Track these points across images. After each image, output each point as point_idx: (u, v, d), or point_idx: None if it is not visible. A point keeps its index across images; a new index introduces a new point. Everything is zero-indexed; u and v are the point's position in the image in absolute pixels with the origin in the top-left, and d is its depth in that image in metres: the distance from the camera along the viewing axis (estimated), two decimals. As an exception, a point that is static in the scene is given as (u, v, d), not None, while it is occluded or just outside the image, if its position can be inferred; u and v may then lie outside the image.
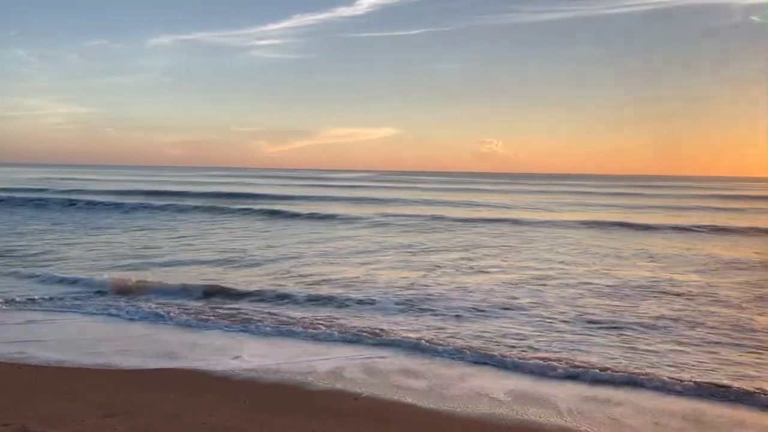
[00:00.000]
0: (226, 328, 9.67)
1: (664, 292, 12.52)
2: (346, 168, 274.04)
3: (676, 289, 12.80)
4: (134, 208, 32.19)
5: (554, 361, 8.09)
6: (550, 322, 10.06)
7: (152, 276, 13.42)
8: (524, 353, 8.43)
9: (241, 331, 9.57)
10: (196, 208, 32.53)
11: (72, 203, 34.04)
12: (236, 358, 8.19)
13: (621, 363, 8.01)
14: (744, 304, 11.52)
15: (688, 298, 11.96)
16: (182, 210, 31.54)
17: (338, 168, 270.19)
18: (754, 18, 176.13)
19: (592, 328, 9.77)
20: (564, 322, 10.11)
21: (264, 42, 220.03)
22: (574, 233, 23.94)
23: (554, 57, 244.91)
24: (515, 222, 27.53)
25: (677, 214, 34.24)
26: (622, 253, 18.45)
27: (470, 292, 12.35)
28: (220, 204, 34.58)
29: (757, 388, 7.04)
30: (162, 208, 32.29)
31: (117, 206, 32.71)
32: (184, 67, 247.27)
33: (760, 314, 10.79)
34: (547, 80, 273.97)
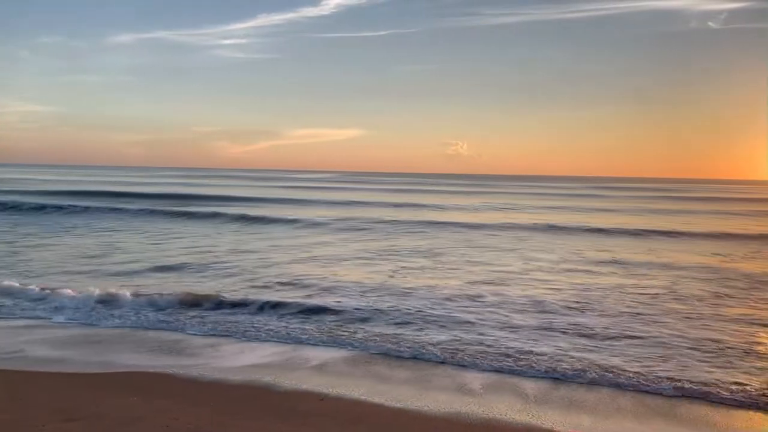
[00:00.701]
0: (193, 332, 9.55)
1: (625, 293, 12.81)
2: (311, 168, 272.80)
3: (637, 290, 13.13)
4: (93, 209, 31.39)
5: (518, 358, 8.25)
6: (509, 319, 10.20)
7: (114, 284, 13.14)
8: (487, 351, 8.55)
9: (208, 333, 9.48)
10: (137, 210, 30.89)
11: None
12: (203, 360, 8.10)
13: (582, 360, 8.19)
14: (700, 304, 11.89)
15: (651, 297, 12.29)
16: (136, 213, 30.19)
17: (304, 168, 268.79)
18: (711, 24, 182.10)
19: (553, 326, 9.93)
20: (525, 320, 10.26)
21: (228, 41, 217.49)
22: (537, 235, 24.32)
23: (517, 59, 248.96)
24: (476, 226, 27.56)
25: (643, 217, 35.04)
26: (584, 255, 18.83)
27: (435, 293, 12.44)
28: (165, 207, 32.54)
29: (701, 382, 7.32)
30: (107, 210, 30.72)
31: (59, 208, 31.61)
32: (146, 65, 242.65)
33: (714, 313, 11.14)
34: (511, 82, 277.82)
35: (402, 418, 6.26)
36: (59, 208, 31.08)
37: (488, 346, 8.84)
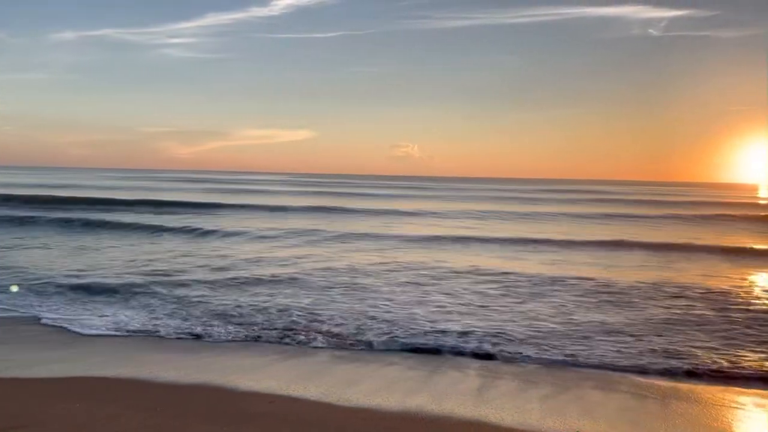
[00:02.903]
0: (145, 336, 9.42)
1: (560, 285, 13.24)
2: (261, 170, 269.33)
3: (573, 283, 13.58)
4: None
5: (465, 352, 8.56)
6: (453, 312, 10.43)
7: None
8: (437, 346, 8.84)
9: (162, 336, 9.42)
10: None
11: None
12: (152, 364, 7.94)
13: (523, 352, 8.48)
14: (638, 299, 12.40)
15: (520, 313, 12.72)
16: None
17: (254, 170, 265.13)
18: (651, 31, 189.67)
19: (505, 324, 10.19)
20: (468, 313, 10.50)
21: (176, 40, 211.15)
22: (482, 243, 22.99)
23: (469, 62, 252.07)
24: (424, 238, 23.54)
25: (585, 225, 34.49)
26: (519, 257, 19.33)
27: (373, 294, 12.61)
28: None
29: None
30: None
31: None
32: (91, 64, 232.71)
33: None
34: (464, 85, 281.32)
35: (355, 417, 6.26)
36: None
37: (433, 339, 9.03)
